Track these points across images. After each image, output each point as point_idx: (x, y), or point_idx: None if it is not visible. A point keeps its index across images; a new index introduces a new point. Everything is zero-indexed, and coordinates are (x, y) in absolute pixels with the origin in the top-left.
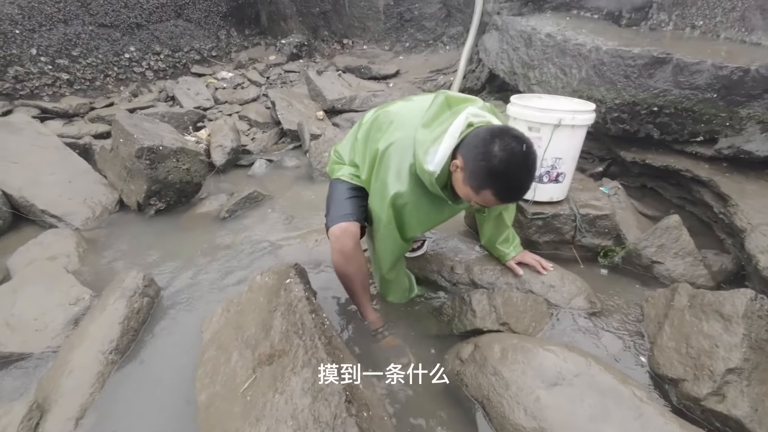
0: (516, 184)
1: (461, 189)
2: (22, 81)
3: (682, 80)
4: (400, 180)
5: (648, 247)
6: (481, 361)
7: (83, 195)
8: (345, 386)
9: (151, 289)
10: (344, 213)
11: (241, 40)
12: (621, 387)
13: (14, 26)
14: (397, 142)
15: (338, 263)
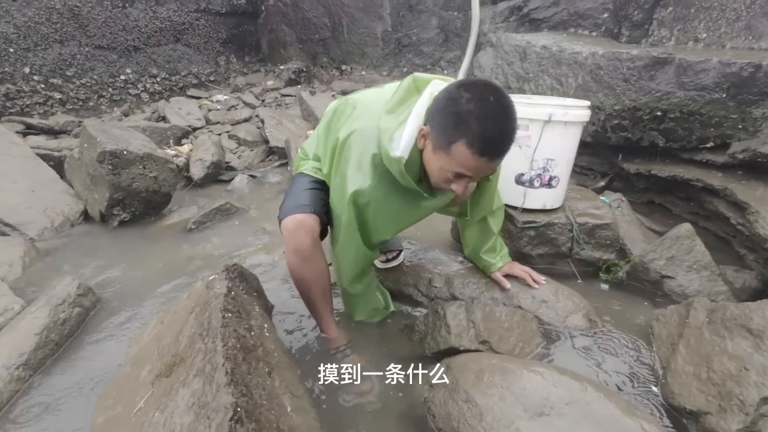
0: (493, 126)
1: (434, 164)
2: (12, 99)
3: (687, 81)
4: (362, 173)
5: (656, 260)
6: (452, 385)
7: (45, 205)
8: (238, 401)
9: (87, 299)
10: (300, 204)
11: (240, 67)
12: (625, 419)
13: (8, 45)
14: (358, 131)
15: (293, 265)
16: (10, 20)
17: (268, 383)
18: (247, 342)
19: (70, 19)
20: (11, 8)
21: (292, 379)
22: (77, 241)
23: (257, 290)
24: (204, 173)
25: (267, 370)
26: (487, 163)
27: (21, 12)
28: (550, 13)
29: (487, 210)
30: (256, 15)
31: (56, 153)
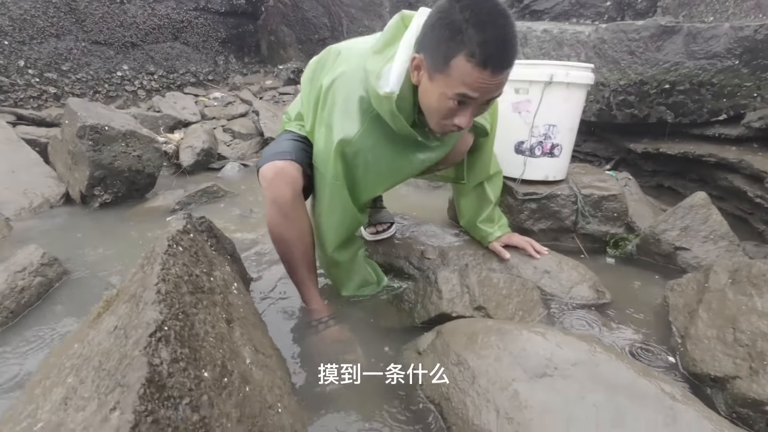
0: (493, 31)
1: (432, 96)
2: (6, 92)
3: (696, 49)
4: (349, 119)
5: (669, 231)
6: (442, 349)
7: (25, 186)
8: (166, 320)
9: (51, 270)
10: (280, 151)
11: (240, 67)
12: (642, 381)
13: (3, 37)
14: (343, 75)
15: (272, 221)
16: (6, 12)
17: (222, 327)
18: (201, 282)
19: (67, 13)
20: (7, 1)
21: (261, 339)
22: (55, 222)
23: (232, 254)
24: (194, 160)
25: (225, 317)
26: (492, 77)
27: (17, 5)
28: (551, 4)
29: (484, 173)
30: (256, 16)
31: (43, 139)
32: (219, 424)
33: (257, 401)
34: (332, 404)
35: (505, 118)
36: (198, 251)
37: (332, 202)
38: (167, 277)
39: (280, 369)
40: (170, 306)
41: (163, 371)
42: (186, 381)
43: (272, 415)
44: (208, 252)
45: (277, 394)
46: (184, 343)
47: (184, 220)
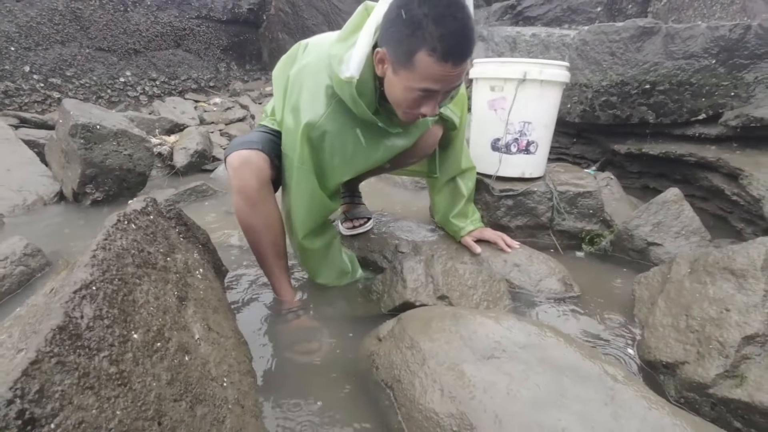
0: (453, 25)
1: (397, 88)
2: (11, 96)
3: (675, 49)
4: (315, 103)
5: (641, 226)
6: (399, 334)
7: (19, 184)
8: (96, 281)
9: (34, 260)
10: (247, 141)
11: (241, 74)
12: (586, 363)
13: (10, 43)
14: (309, 64)
15: (239, 209)
16: (13, 19)
17: (170, 302)
18: (153, 259)
19: (72, 20)
20: (14, 8)
21: (220, 322)
22: (46, 218)
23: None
24: (187, 161)
25: (176, 295)
26: (453, 69)
27: (24, 12)
28: (543, 11)
29: (456, 167)
30: (258, 24)
31: (42, 140)
32: (141, 381)
33: (197, 371)
34: (291, 386)
35: (481, 116)
36: (156, 232)
37: (299, 188)
38: (109, 246)
39: (237, 350)
40: (104, 270)
41: (81, 323)
42: (108, 337)
43: (213, 387)
44: (171, 236)
45: (224, 370)
46: (114, 304)
47: (144, 202)
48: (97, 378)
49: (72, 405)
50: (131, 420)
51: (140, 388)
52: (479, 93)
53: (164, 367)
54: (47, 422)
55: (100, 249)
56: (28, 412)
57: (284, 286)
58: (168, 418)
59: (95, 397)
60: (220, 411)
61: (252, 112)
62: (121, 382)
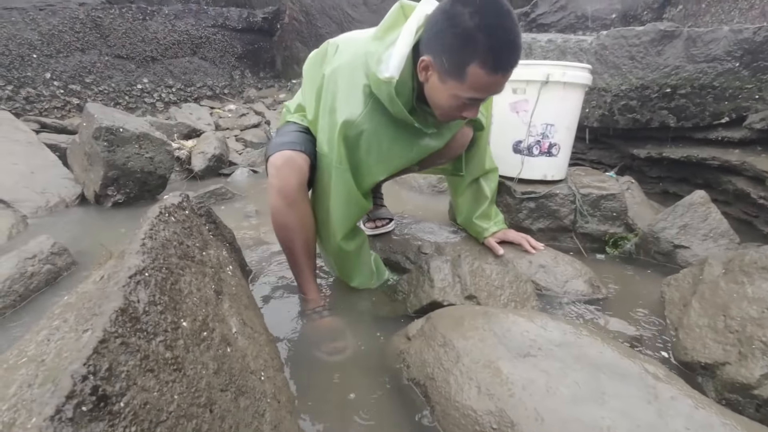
0: (503, 36)
1: (443, 95)
2: (32, 102)
3: (696, 53)
4: (352, 102)
5: (667, 229)
6: (429, 332)
7: (43, 186)
8: (147, 267)
9: (61, 259)
10: (289, 141)
11: (255, 81)
12: (624, 361)
13: (32, 51)
14: (344, 64)
15: (276, 208)
16: (36, 27)
17: (210, 294)
18: (191, 252)
19: (93, 29)
20: (37, 16)
21: (252, 318)
22: (69, 219)
23: (231, 243)
24: (205, 165)
25: (214, 288)
26: (501, 79)
27: (46, 20)
28: (557, 18)
29: (481, 167)
30: (272, 32)
31: (63, 144)
32: (193, 368)
33: (238, 363)
34: (320, 384)
35: (503, 118)
36: (192, 227)
37: (337, 188)
38: (155, 236)
39: (269, 347)
40: (153, 258)
41: (138, 308)
42: (162, 322)
43: (254, 380)
44: (204, 232)
45: (261, 364)
46: (165, 292)
47: (180, 197)
48: (155, 361)
49: (137, 386)
50: (187, 405)
51: (193, 375)
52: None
53: (211, 356)
54: (117, 400)
55: (148, 238)
56: (101, 389)
57: (312, 286)
58: (218, 406)
59: (155, 380)
60: (260, 404)
61: (267, 118)
62: (176, 368)
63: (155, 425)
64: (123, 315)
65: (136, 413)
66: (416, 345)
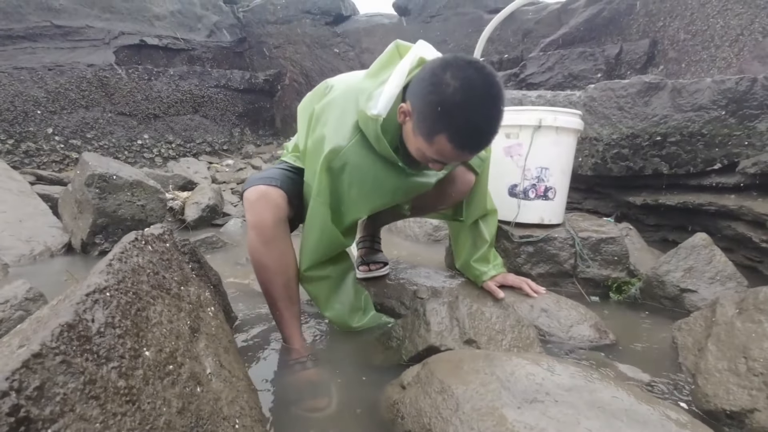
0: (477, 120)
1: (412, 143)
2: (31, 156)
3: (682, 102)
4: (340, 132)
5: (672, 272)
6: (426, 378)
7: (29, 235)
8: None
9: (36, 305)
10: (266, 176)
11: (254, 139)
12: (642, 406)
13: (37, 107)
14: (336, 97)
15: (252, 247)
16: (43, 86)
17: (183, 329)
18: (168, 285)
19: (98, 87)
20: (46, 75)
21: (231, 362)
22: (51, 268)
23: (215, 286)
24: (198, 215)
25: (189, 325)
26: (468, 154)
27: (54, 79)
28: (545, 77)
29: (481, 209)
30: (272, 93)
31: (56, 195)
32: (151, 402)
33: (209, 406)
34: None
35: (497, 162)
36: (171, 260)
37: (312, 219)
38: (125, 259)
39: (248, 394)
40: (119, 280)
41: (91, 327)
42: (119, 347)
43: (226, 426)
44: (185, 268)
45: (237, 411)
46: (127, 316)
47: (161, 229)
48: (104, 389)
49: (74, 413)
50: None
51: (149, 410)
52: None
53: (175, 393)
54: (44, 426)
55: (117, 260)
56: (24, 410)
57: (294, 334)
58: None
59: (100, 409)
60: None
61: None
62: (130, 399)
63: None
64: (70, 331)
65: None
66: (412, 393)
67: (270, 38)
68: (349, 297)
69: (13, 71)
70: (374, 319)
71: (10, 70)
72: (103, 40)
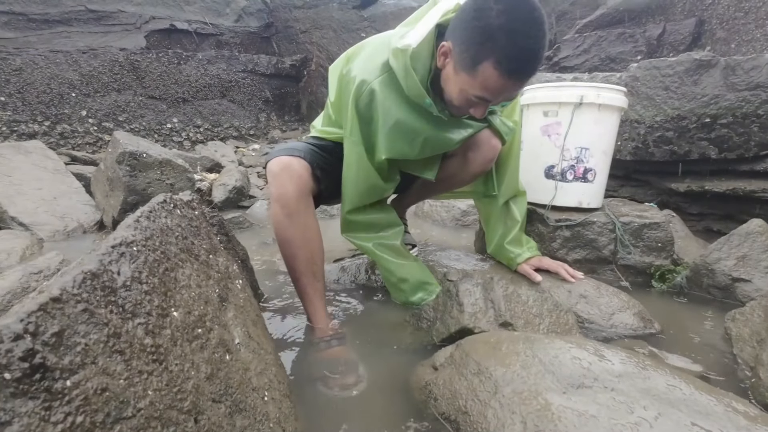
0: (524, 42)
1: (453, 86)
2: (66, 138)
3: (737, 81)
4: (368, 70)
5: (723, 260)
6: (460, 360)
7: (63, 211)
8: (137, 240)
9: None
10: (289, 147)
11: (280, 124)
12: (704, 397)
13: (71, 90)
14: (370, 41)
15: (276, 220)
16: (77, 69)
17: (212, 295)
18: (196, 250)
19: (130, 71)
20: (80, 59)
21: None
22: (84, 244)
23: (243, 261)
24: (225, 197)
25: (218, 293)
26: (513, 85)
27: (88, 63)
28: (580, 61)
29: (514, 187)
30: (299, 78)
31: (89, 174)
32: (179, 364)
33: (238, 375)
34: (333, 421)
35: (534, 142)
36: (200, 228)
37: (349, 159)
38: (154, 218)
39: (276, 368)
40: (147, 237)
41: (116, 279)
42: (146, 304)
43: (255, 398)
44: (213, 238)
45: (265, 382)
46: (155, 273)
47: (190, 196)
48: (129, 344)
49: (96, 366)
50: (164, 406)
51: (177, 372)
52: (531, 119)
53: (204, 358)
54: (62, 376)
55: (145, 218)
56: (40, 356)
57: (318, 312)
58: (206, 418)
59: (125, 365)
60: (261, 427)
61: None
62: (157, 358)
63: (114, 421)
64: (94, 280)
65: (88, 399)
66: (445, 375)
67: (297, 23)
68: (398, 251)
69: (49, 54)
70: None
71: (46, 53)
72: (134, 24)
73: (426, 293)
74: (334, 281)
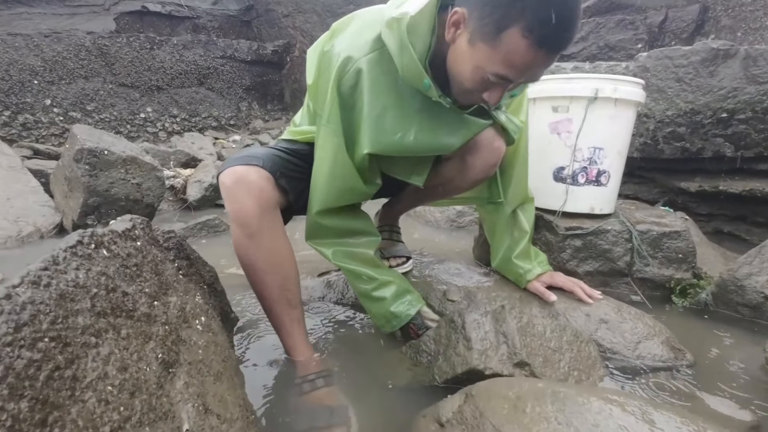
0: (561, 7)
1: (466, 63)
2: (29, 129)
3: (758, 73)
4: (355, 46)
5: (754, 275)
6: (473, 420)
7: (18, 214)
8: None
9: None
10: (246, 155)
11: (262, 113)
12: None
13: (33, 77)
14: (359, 13)
15: (236, 243)
16: (39, 54)
17: (148, 372)
18: (128, 304)
19: (98, 56)
20: (42, 43)
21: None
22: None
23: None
24: (201, 195)
25: (161, 358)
26: (544, 59)
27: (51, 47)
28: (578, 48)
29: (522, 194)
30: (281, 65)
31: (49, 170)
32: None
33: None
34: None
35: (541, 140)
36: (142, 265)
37: (322, 150)
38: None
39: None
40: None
41: None
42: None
43: None
44: (166, 271)
45: None
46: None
47: (130, 222)
48: None
49: None
50: None
51: None
52: (538, 115)
53: None
54: None
55: (28, 285)
56: None
57: (298, 343)
58: None
59: None
60: None
61: None
62: None
63: None
64: None
65: None
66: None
67: (279, 6)
68: (374, 263)
69: (7, 38)
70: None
71: (4, 37)
72: (102, 5)
73: (408, 305)
74: (319, 298)
